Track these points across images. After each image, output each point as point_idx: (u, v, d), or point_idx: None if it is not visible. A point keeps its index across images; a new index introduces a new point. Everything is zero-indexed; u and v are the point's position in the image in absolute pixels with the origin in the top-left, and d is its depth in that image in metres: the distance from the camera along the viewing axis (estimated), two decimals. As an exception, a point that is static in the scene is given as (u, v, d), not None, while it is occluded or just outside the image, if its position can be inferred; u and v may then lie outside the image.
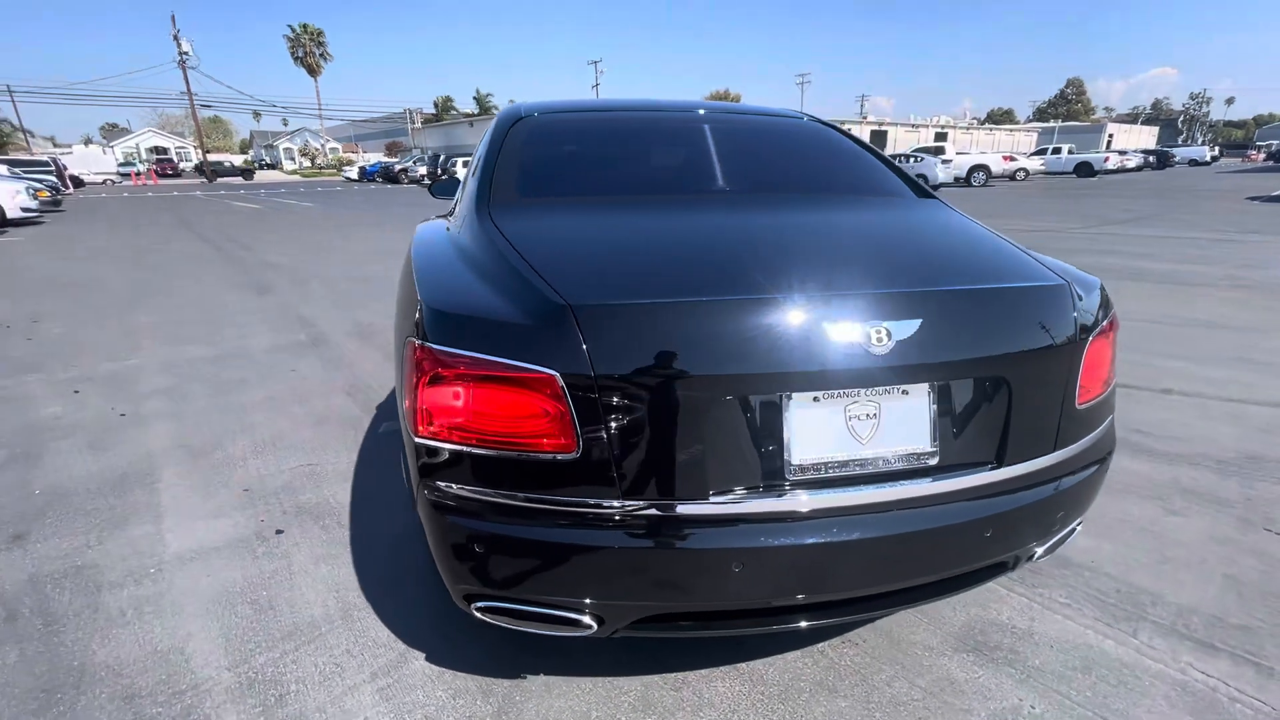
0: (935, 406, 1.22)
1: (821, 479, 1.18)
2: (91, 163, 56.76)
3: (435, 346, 1.15)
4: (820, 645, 1.68)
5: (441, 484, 1.19)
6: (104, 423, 3.16)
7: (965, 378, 1.23)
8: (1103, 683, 1.53)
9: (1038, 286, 1.33)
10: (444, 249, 1.60)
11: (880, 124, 55.02)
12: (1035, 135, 62.97)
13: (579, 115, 2.23)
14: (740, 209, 1.77)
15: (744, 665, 1.61)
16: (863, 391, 1.17)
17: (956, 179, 26.88)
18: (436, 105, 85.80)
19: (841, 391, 1.16)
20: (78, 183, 34.98)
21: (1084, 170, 29.99)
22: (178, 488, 2.51)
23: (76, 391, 3.60)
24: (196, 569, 1.99)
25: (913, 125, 58.44)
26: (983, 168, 26.00)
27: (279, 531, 2.20)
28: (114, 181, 46.94)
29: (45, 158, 31.97)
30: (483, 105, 78.07)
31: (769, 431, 1.15)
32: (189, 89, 48.06)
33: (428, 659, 1.62)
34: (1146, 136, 67.78)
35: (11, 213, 14.05)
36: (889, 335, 1.12)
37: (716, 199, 1.85)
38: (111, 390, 3.63)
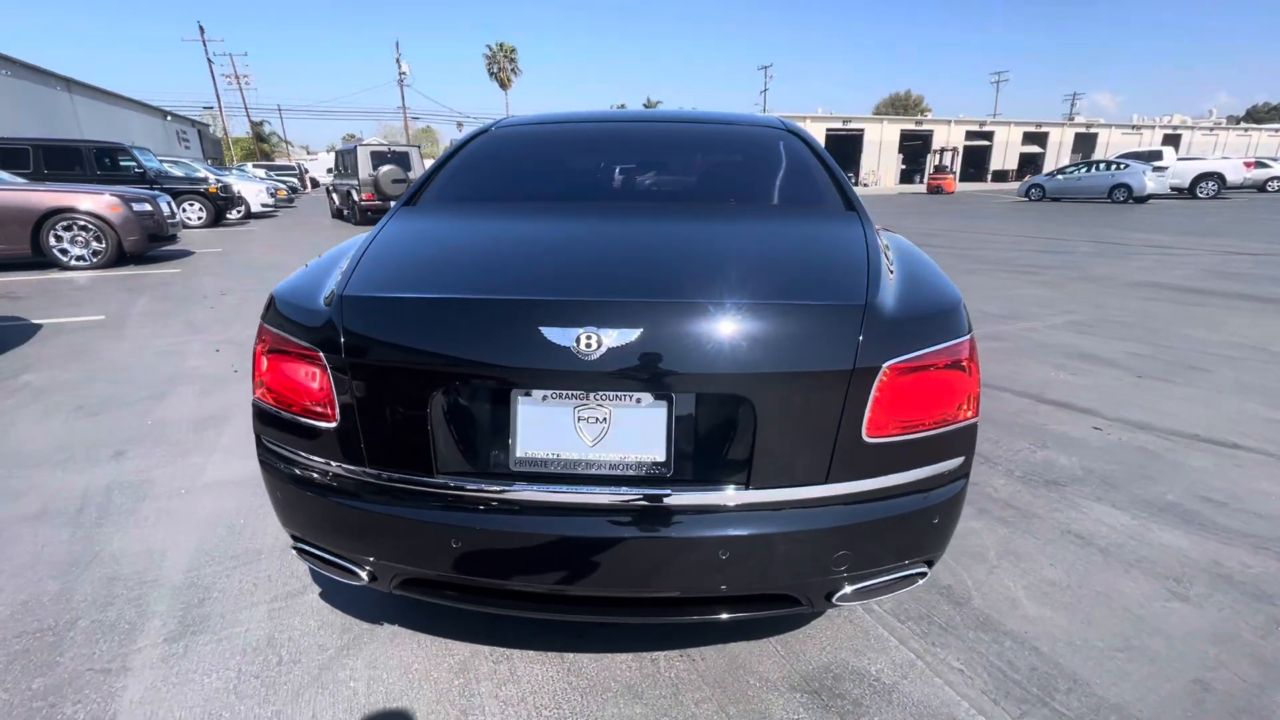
0: (673, 418, 1.20)
1: (546, 474, 1.23)
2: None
3: (261, 323, 1.40)
4: (657, 653, 1.67)
5: (264, 438, 1.44)
6: (220, 376, 3.95)
7: (708, 392, 1.20)
8: (931, 757, 1.36)
9: (811, 306, 1.23)
10: (347, 244, 1.83)
11: (1089, 126, 47.87)
12: (1313, 136, 50.67)
13: (535, 128, 2.38)
14: (611, 217, 1.81)
15: (571, 656, 1.67)
16: (593, 395, 1.20)
17: (1176, 189, 22.61)
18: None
19: (571, 393, 1.20)
20: (314, 183, 42.43)
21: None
22: (240, 432, 3.10)
23: (217, 350, 4.52)
24: (210, 495, 2.48)
25: (1133, 127, 49.99)
26: (1213, 176, 21.58)
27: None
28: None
29: (292, 163, 39.06)
30: None
31: (497, 423, 1.23)
32: (404, 104, 55.98)
33: (320, 595, 1.89)
34: None
35: (255, 208, 17.62)
36: (599, 342, 1.14)
37: (604, 208, 1.90)
38: (244, 351, 4.49)
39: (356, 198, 14.76)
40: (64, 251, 8.12)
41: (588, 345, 1.14)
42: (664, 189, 2.04)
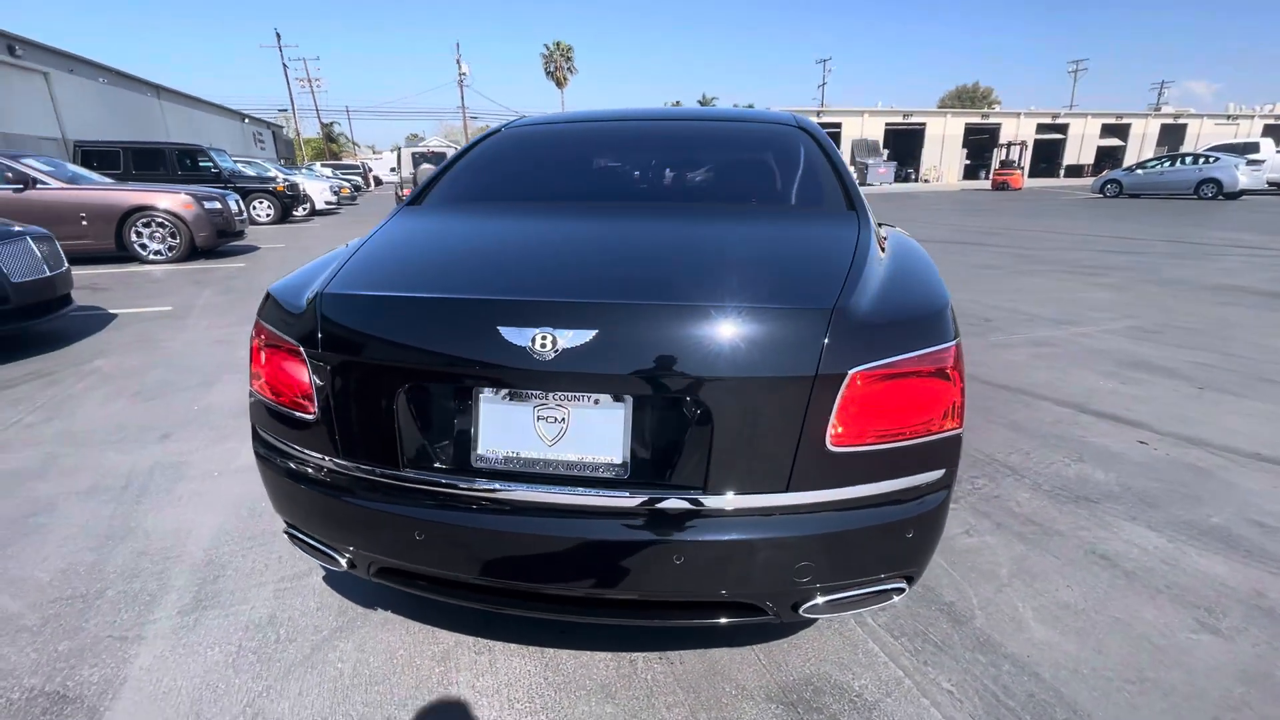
0: (630, 420, 1.19)
1: (506, 472, 1.24)
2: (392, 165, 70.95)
3: (257, 318, 1.47)
4: (636, 654, 1.67)
5: (257, 427, 1.51)
6: (265, 365, 4.17)
7: (665, 396, 1.18)
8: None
9: (772, 310, 1.19)
10: (350, 244, 1.90)
11: (1177, 117, 44.55)
12: None
13: (542, 128, 2.40)
14: (598, 217, 1.80)
15: (551, 652, 1.68)
16: (551, 395, 1.20)
17: (1275, 185, 20.80)
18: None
19: (530, 393, 1.21)
20: (378, 181, 44.18)
21: None
22: (274, 419, 3.27)
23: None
24: (239, 479, 2.62)
25: (1229, 117, 46.20)
26: (1319, 170, 19.71)
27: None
28: (404, 181, 58.31)
29: (358, 162, 40.75)
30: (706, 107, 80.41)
31: (460, 421, 1.25)
32: (463, 104, 57.50)
33: (323, 578, 1.98)
34: None
35: (319, 205, 18.50)
36: (554, 342, 1.14)
37: (595, 208, 1.90)
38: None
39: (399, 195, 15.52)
40: (143, 246, 8.74)
41: (543, 345, 1.15)
42: (660, 189, 2.03)
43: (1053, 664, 1.62)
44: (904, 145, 41.99)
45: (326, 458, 1.35)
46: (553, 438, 1.22)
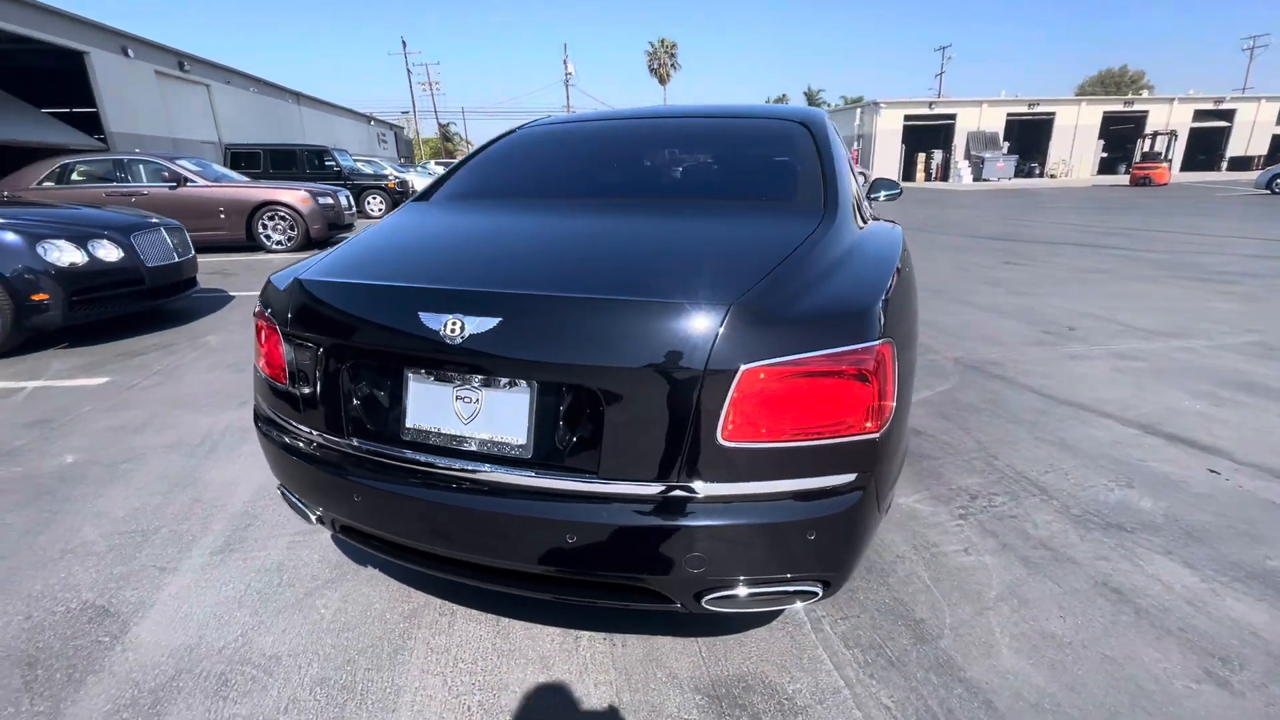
0: (535, 404, 1.26)
1: (429, 445, 1.35)
2: (500, 164, 74.57)
3: (257, 305, 1.68)
4: (583, 632, 1.74)
5: (257, 396, 1.73)
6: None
7: (562, 382, 1.24)
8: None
9: (666, 304, 1.21)
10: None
11: (1383, 98, 37.60)
12: None
13: (552, 128, 2.49)
14: (561, 213, 1.86)
15: (506, 621, 1.79)
16: (467, 377, 1.30)
17: None
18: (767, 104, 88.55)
19: (449, 374, 1.31)
20: (485, 179, 46.60)
21: None
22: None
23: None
24: (290, 443, 2.95)
25: None
26: None
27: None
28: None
29: (466, 161, 42.91)
30: (812, 102, 77.80)
31: (393, 397, 1.38)
32: (568, 103, 59.38)
33: (330, 535, 2.21)
34: None
35: (425, 201, 19.82)
36: (463, 327, 1.23)
37: (565, 204, 1.96)
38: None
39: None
40: (268, 237, 9.84)
41: (453, 330, 1.24)
42: (641, 185, 2.06)
43: (1013, 694, 1.52)
44: (1028, 137, 38.45)
45: (295, 424, 1.53)
46: (468, 416, 1.31)
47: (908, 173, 37.00)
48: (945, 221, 13.67)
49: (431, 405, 1.34)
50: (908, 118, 36.14)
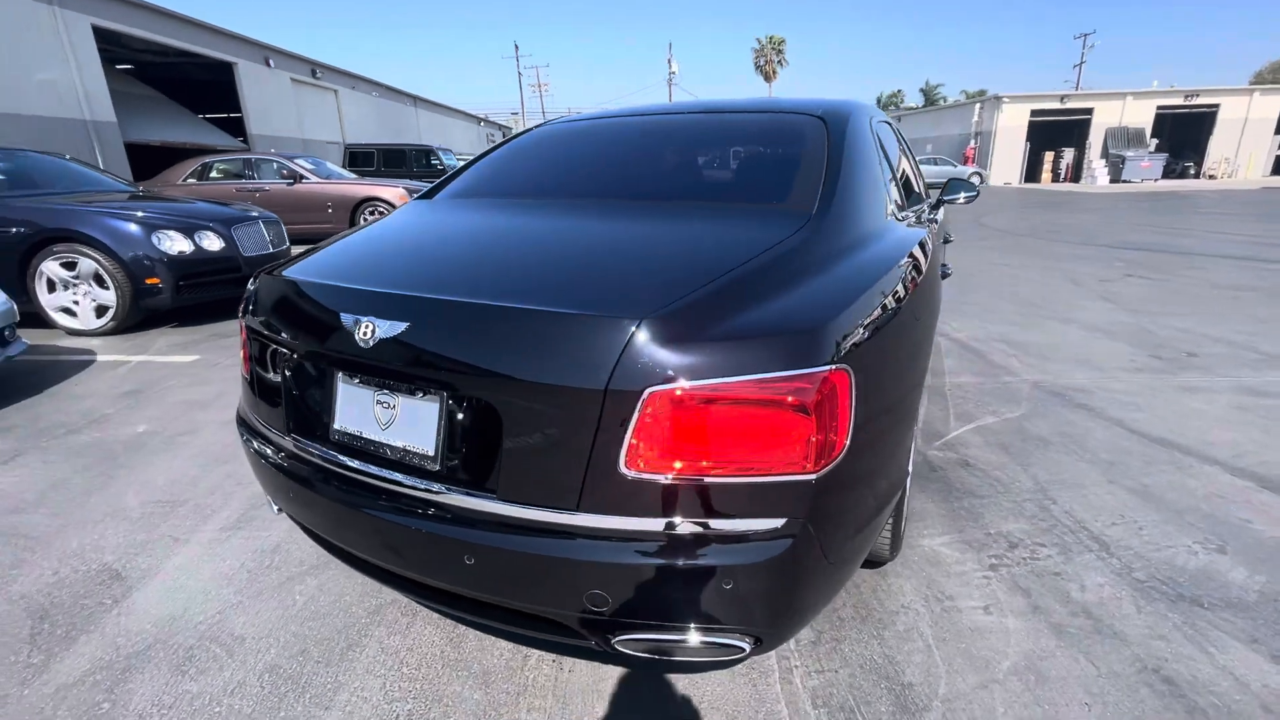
0: (443, 414, 1.19)
1: (353, 449, 1.32)
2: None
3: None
4: (535, 652, 1.67)
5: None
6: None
7: (467, 394, 1.16)
8: None
9: (570, 316, 1.09)
10: None
11: None
12: None
13: (565, 126, 2.41)
14: (554, 214, 1.76)
15: (462, 630, 1.75)
16: (387, 382, 1.25)
17: None
18: (879, 101, 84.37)
19: (371, 378, 1.27)
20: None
21: None
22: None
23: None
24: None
25: None
26: None
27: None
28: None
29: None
30: (930, 98, 73.24)
31: (324, 397, 1.36)
32: (670, 100, 59.72)
33: (330, 521, 2.28)
34: None
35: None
36: (373, 330, 1.19)
37: (561, 205, 1.87)
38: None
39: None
40: (368, 230, 10.58)
41: (365, 333, 1.21)
42: (618, 187, 1.94)
43: (998, 792, 1.27)
44: (1183, 133, 33.86)
45: (252, 416, 1.57)
46: (386, 422, 1.27)
47: (1031, 173, 33.78)
48: (1065, 227, 12.32)
49: (356, 409, 1.32)
50: (1035, 113, 32.88)
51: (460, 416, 1.19)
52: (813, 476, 1.08)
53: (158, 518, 2.31)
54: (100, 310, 4.90)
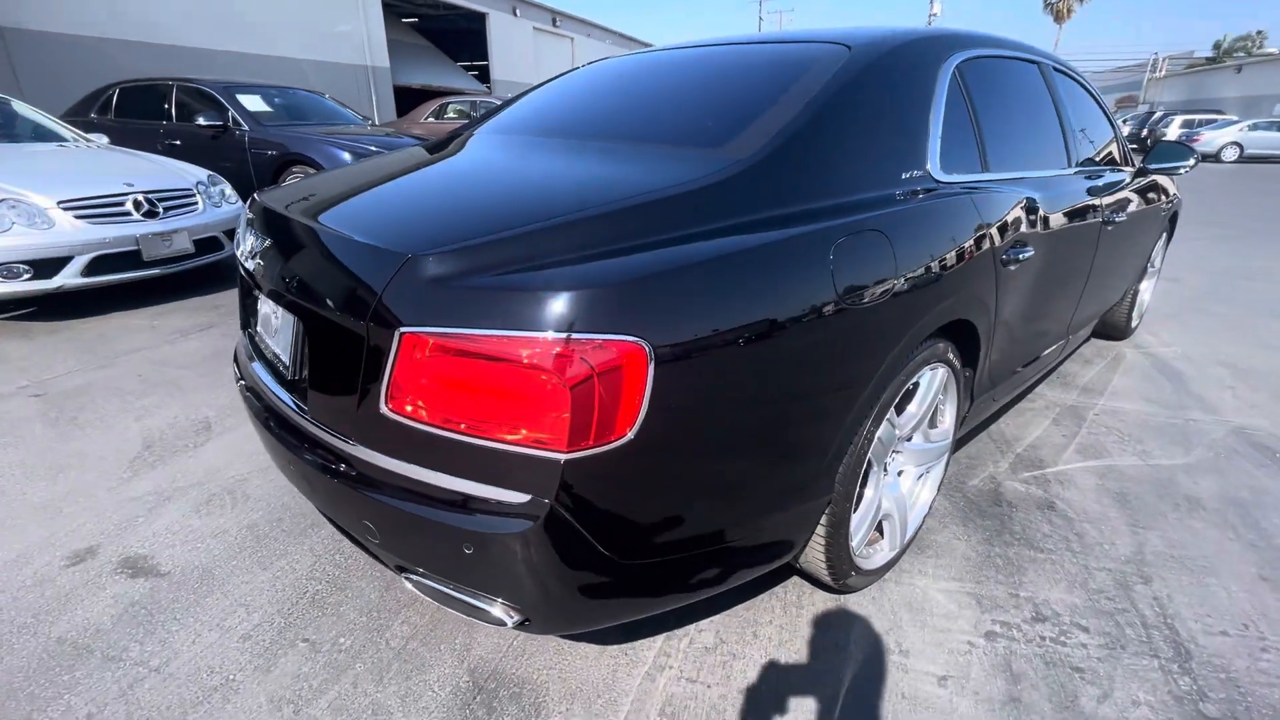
0: (294, 328, 1.26)
1: (262, 353, 1.47)
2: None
3: None
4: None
5: None
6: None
7: (293, 310, 1.22)
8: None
9: (352, 242, 1.09)
10: None
11: None
12: None
13: (608, 63, 2.21)
14: (528, 150, 1.65)
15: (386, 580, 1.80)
16: (272, 294, 1.35)
17: None
18: (1217, 48, 65.17)
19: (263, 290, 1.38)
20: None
21: None
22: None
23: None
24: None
25: None
26: None
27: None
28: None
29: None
30: (1241, 48, 54.82)
31: (254, 307, 1.52)
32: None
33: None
34: None
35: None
36: (254, 245, 1.29)
37: (529, 142, 1.76)
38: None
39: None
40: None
41: (251, 246, 1.32)
42: (591, 125, 1.73)
43: None
44: None
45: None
46: (273, 331, 1.39)
47: None
48: None
49: (263, 321, 1.46)
50: None
51: (294, 331, 1.26)
52: (562, 456, 0.94)
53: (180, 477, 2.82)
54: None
